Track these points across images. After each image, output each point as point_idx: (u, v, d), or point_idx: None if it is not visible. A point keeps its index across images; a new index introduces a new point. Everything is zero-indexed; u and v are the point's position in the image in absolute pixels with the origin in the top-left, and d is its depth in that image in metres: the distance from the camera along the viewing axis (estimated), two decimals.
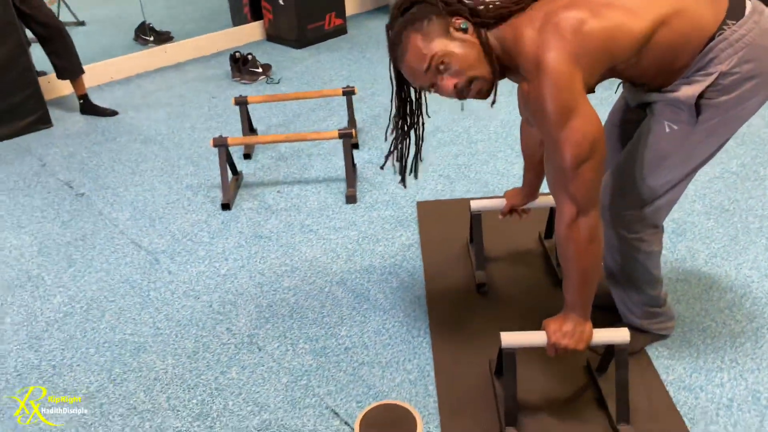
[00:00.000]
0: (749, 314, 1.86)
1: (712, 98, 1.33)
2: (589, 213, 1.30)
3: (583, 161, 1.25)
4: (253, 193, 2.69)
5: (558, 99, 1.22)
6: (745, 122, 1.40)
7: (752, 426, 1.52)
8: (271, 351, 1.84)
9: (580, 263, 1.35)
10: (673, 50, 1.29)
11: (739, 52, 1.28)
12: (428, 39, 1.31)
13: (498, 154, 2.87)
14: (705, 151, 1.42)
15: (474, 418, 1.58)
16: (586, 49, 1.23)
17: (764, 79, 1.32)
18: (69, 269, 2.26)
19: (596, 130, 1.25)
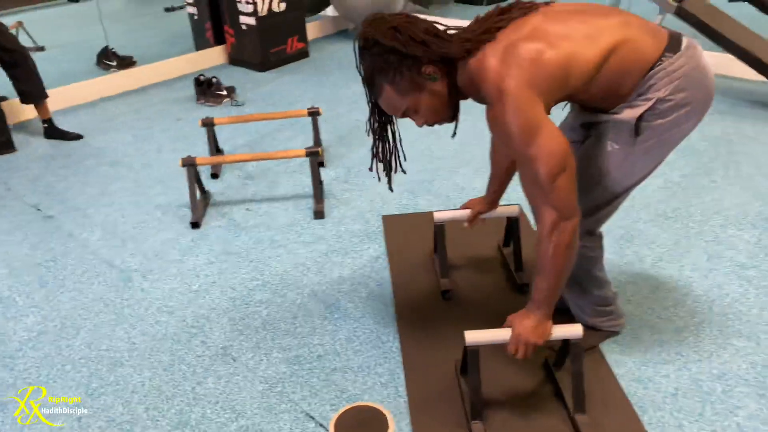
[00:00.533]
0: (691, 311, 2.01)
1: (650, 121, 1.47)
2: (571, 218, 1.41)
3: (558, 174, 1.37)
4: (222, 211, 2.76)
5: (520, 120, 1.34)
6: (676, 145, 1.54)
7: (695, 411, 1.66)
8: (246, 361, 1.91)
9: (556, 265, 1.45)
10: (619, 76, 1.43)
11: (675, 81, 1.43)
12: (401, 92, 1.47)
13: (458, 171, 3.01)
14: (642, 169, 1.56)
15: (442, 415, 1.68)
16: (543, 77, 1.35)
17: (695, 107, 1.47)
18: (41, 290, 2.29)
19: (564, 145, 1.37)
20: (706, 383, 1.74)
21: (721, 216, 2.52)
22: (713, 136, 3.22)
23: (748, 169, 2.87)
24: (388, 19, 1.45)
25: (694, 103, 1.46)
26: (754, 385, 1.73)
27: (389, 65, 1.44)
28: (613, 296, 1.83)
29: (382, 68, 1.45)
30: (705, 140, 3.17)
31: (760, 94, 3.70)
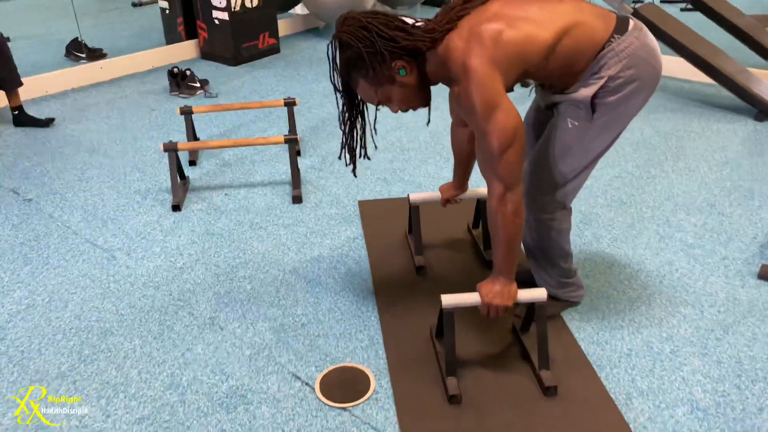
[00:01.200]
0: (643, 284, 2.20)
1: (603, 98, 1.64)
2: (514, 190, 1.57)
3: (508, 147, 1.53)
4: (201, 196, 2.85)
5: (483, 96, 1.50)
6: (631, 118, 1.71)
7: (646, 368, 1.84)
8: (233, 330, 2.02)
9: (506, 232, 1.61)
10: (572, 56, 1.60)
11: (623, 60, 1.60)
12: (375, 85, 1.62)
13: (429, 160, 3.17)
14: (601, 143, 1.73)
15: (419, 373, 1.82)
16: (503, 55, 1.51)
17: (643, 83, 1.65)
18: (25, 267, 2.34)
19: (516, 121, 1.53)
20: (656, 345, 1.92)
21: (671, 202, 2.73)
22: (665, 131, 3.45)
23: (695, 161, 3.10)
24: (359, 18, 1.58)
25: (642, 79, 1.63)
26: (697, 345, 1.92)
27: (362, 62, 1.58)
28: (575, 269, 2.00)
29: (356, 65, 1.60)
30: (657, 135, 3.40)
31: (707, 95, 3.98)
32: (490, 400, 1.73)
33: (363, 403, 1.73)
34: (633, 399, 1.73)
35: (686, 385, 1.77)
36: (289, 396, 1.76)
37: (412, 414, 1.69)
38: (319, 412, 1.71)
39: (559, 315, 2.04)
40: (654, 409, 1.70)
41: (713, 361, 1.86)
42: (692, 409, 1.70)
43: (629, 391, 1.75)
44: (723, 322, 2.01)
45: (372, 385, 1.78)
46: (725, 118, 3.61)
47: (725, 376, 1.80)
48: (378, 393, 1.76)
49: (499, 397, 1.74)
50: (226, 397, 1.76)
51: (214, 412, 1.71)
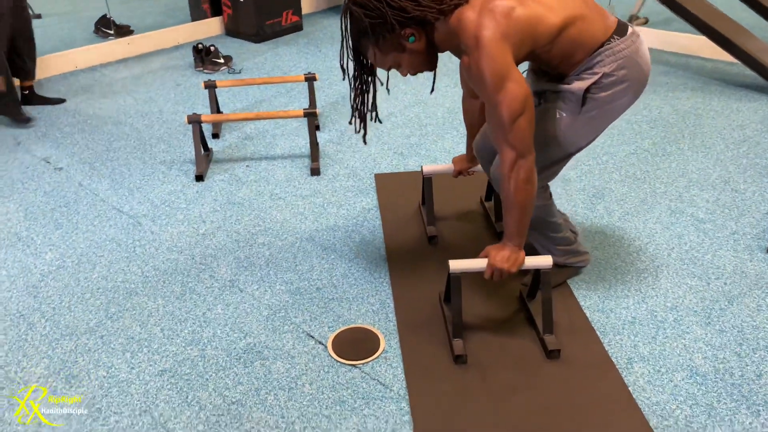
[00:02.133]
0: (652, 256, 2.24)
1: (594, 93, 1.69)
2: (527, 157, 1.62)
3: (519, 115, 1.58)
4: (224, 167, 2.94)
5: (493, 67, 1.55)
6: (614, 118, 1.76)
7: (649, 335, 1.89)
8: (252, 291, 2.11)
9: (518, 199, 1.66)
10: (574, 45, 1.64)
11: (619, 60, 1.65)
12: (384, 52, 1.68)
13: (445, 135, 3.21)
14: (583, 137, 1.78)
15: (427, 335, 1.89)
16: (514, 30, 1.55)
17: (632, 85, 1.69)
18: (56, 231, 2.46)
19: (526, 91, 1.58)
20: (660, 314, 1.97)
21: (685, 178, 2.75)
22: (683, 110, 3.45)
23: (713, 139, 3.10)
24: None
25: (632, 81, 1.68)
26: (701, 315, 1.96)
27: (373, 30, 1.63)
28: (574, 236, 2.04)
29: (367, 32, 1.64)
30: (676, 113, 3.40)
31: (730, 74, 3.94)
32: (494, 362, 1.80)
33: (372, 361, 1.81)
34: (634, 363, 1.79)
35: (687, 351, 1.82)
36: (303, 353, 1.85)
37: (418, 372, 1.77)
38: (330, 368, 1.79)
39: (566, 284, 2.09)
40: (654, 373, 1.75)
41: (716, 330, 1.90)
42: (691, 374, 1.75)
43: (630, 356, 1.81)
44: (728, 294, 2.05)
45: (382, 345, 1.86)
46: (746, 97, 3.59)
47: (726, 344, 1.85)
48: (387, 352, 1.84)
49: (503, 359, 1.81)
50: (244, 352, 1.85)
51: (232, 366, 1.81)
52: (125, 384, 1.76)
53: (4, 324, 1.98)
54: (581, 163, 2.89)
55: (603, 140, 3.10)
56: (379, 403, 1.68)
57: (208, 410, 1.67)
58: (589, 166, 2.87)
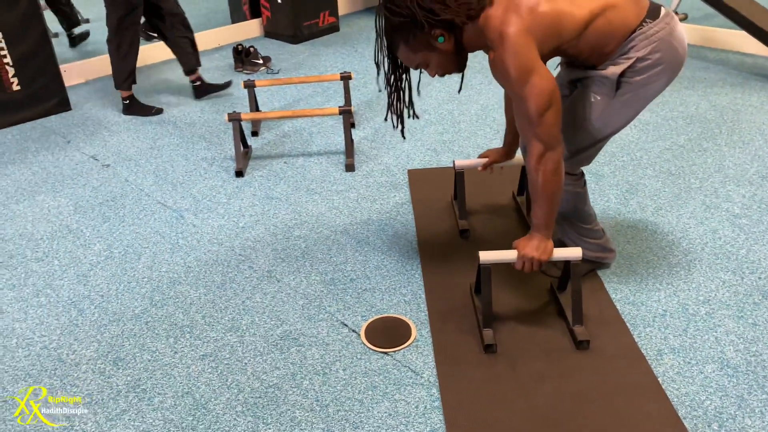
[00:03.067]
0: (685, 250, 2.24)
1: (629, 77, 1.70)
2: (555, 149, 1.65)
3: (546, 109, 1.61)
4: (262, 164, 3.03)
5: (518, 62, 1.58)
6: (650, 100, 1.76)
7: (680, 328, 1.89)
8: (288, 282, 2.19)
9: (546, 190, 1.70)
10: (604, 36, 1.66)
11: (653, 44, 1.66)
12: (414, 50, 1.72)
13: (478, 132, 3.25)
14: (619, 120, 1.79)
15: (458, 324, 1.94)
16: (538, 25, 1.58)
17: (667, 67, 1.70)
18: (104, 224, 2.59)
19: (552, 84, 1.61)
20: (692, 307, 1.97)
21: (721, 174, 2.73)
22: (721, 105, 3.41)
23: (751, 135, 3.06)
24: None
25: (667, 63, 1.69)
26: (734, 308, 1.96)
27: (403, 28, 1.68)
28: (602, 231, 2.06)
29: (398, 30, 1.69)
30: (714, 109, 3.36)
31: None
32: (523, 351, 1.83)
33: (404, 348, 1.87)
34: (664, 355, 1.80)
35: (718, 344, 1.83)
36: (337, 340, 1.91)
37: (448, 360, 1.81)
38: (363, 355, 1.85)
39: (598, 276, 2.11)
40: (684, 365, 1.76)
41: (748, 324, 1.90)
42: (722, 367, 1.75)
43: (661, 348, 1.82)
44: (763, 288, 2.04)
45: (413, 334, 1.92)
46: None
47: (759, 338, 1.84)
48: (418, 341, 1.90)
49: (533, 349, 1.84)
50: (281, 339, 1.93)
51: (269, 351, 1.88)
52: (168, 367, 1.85)
53: (57, 310, 2.10)
54: (615, 158, 2.89)
55: (638, 136, 3.09)
56: (410, 389, 1.73)
57: (246, 393, 1.75)
58: (622, 161, 2.87)
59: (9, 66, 3.47)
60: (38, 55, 3.57)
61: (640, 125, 3.21)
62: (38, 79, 3.60)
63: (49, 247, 2.45)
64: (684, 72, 3.91)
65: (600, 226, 2.06)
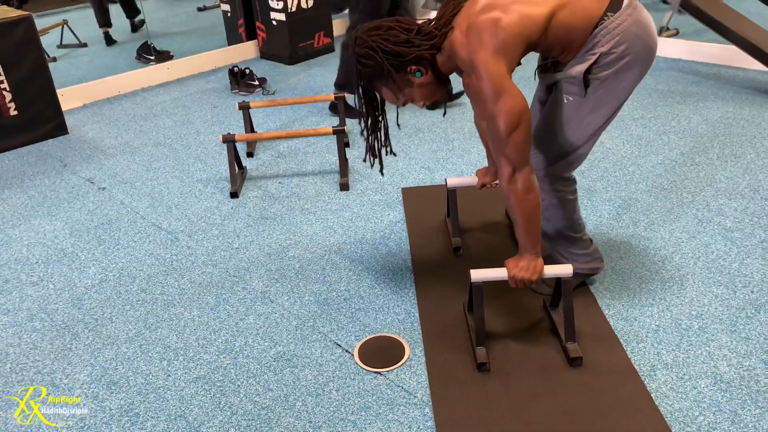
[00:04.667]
0: (677, 265, 2.24)
1: (596, 74, 1.73)
2: (522, 169, 1.67)
3: (515, 128, 1.63)
4: (257, 184, 3.05)
5: (489, 84, 1.61)
6: (626, 94, 1.77)
7: (673, 342, 1.89)
8: (282, 302, 2.19)
9: (521, 209, 1.72)
10: (568, 30, 1.68)
11: (616, 37, 1.68)
12: (396, 90, 1.79)
13: (471, 150, 3.27)
14: (597, 117, 1.80)
15: (451, 343, 1.94)
16: (502, 40, 1.61)
17: (634, 57, 1.71)
18: (99, 247, 2.60)
19: (521, 105, 1.63)
20: (685, 322, 1.98)
21: (713, 188, 2.74)
22: (713, 119, 3.43)
23: (742, 148, 3.08)
24: (364, 38, 1.73)
25: (634, 54, 1.70)
26: (727, 323, 1.96)
27: (380, 74, 1.74)
28: (590, 240, 2.07)
29: (375, 77, 1.76)
30: (705, 123, 3.39)
31: (761, 83, 3.90)
32: (516, 369, 1.83)
33: (397, 368, 1.87)
34: (657, 371, 1.80)
35: (711, 359, 1.82)
36: (330, 361, 1.91)
37: (442, 379, 1.81)
38: (356, 375, 1.85)
39: (590, 291, 2.11)
40: (677, 380, 1.76)
41: (741, 338, 1.90)
42: (715, 382, 1.75)
43: (654, 364, 1.82)
44: (755, 302, 2.04)
45: (406, 353, 1.92)
46: None
47: (752, 352, 1.84)
48: (412, 360, 1.89)
49: (526, 367, 1.84)
50: (274, 360, 1.93)
51: (262, 373, 1.88)
52: (162, 390, 1.85)
53: (51, 334, 2.10)
54: (607, 173, 2.91)
55: (630, 150, 3.11)
56: (404, 410, 1.73)
57: (239, 415, 1.74)
58: (615, 176, 2.88)
59: (6, 91, 3.51)
60: (35, 79, 3.60)
61: (633, 140, 3.23)
62: (35, 103, 3.63)
63: (44, 271, 2.45)
64: (676, 86, 3.94)
65: (588, 235, 2.07)
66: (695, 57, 4.40)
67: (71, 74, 4.93)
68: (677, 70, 4.27)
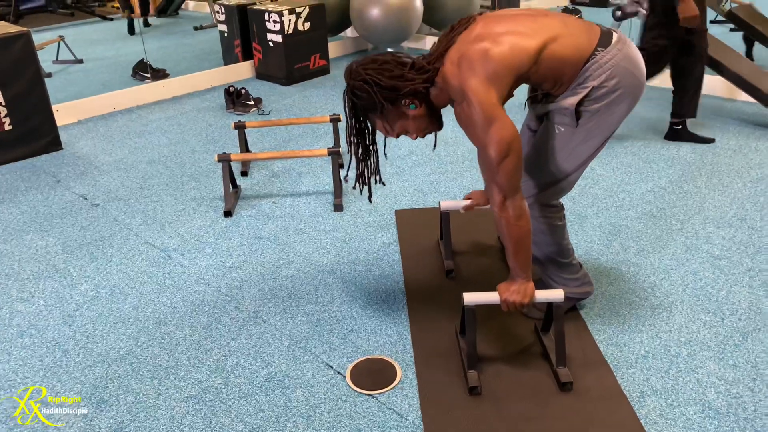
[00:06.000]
0: (666, 292, 2.27)
1: (587, 106, 1.77)
2: (513, 196, 1.71)
3: (505, 156, 1.66)
4: (251, 203, 3.06)
5: (480, 113, 1.65)
6: (615, 126, 1.83)
7: (662, 369, 1.91)
8: (274, 323, 2.19)
9: (512, 236, 1.75)
10: (560, 63, 1.73)
11: (607, 71, 1.73)
12: (391, 122, 1.84)
13: (465, 174, 3.30)
14: (587, 148, 1.85)
15: (443, 366, 1.94)
16: (493, 71, 1.65)
17: (626, 91, 1.77)
18: (91, 264, 2.59)
19: (512, 133, 1.67)
20: (674, 348, 2.00)
21: (701, 216, 2.78)
22: (702, 148, 3.49)
23: (730, 177, 3.13)
24: (359, 71, 1.77)
25: (625, 88, 1.75)
26: (715, 350, 1.98)
27: (374, 107, 1.78)
28: (579, 264, 2.10)
29: (369, 109, 1.81)
30: (694, 152, 3.45)
31: (748, 114, 3.98)
32: (508, 393, 1.84)
33: (389, 391, 1.87)
34: (646, 397, 1.81)
35: (700, 386, 1.84)
36: (322, 382, 1.91)
37: (433, 402, 1.82)
38: (348, 397, 1.85)
39: (581, 316, 2.13)
40: (666, 407, 1.78)
41: (729, 365, 1.92)
42: (704, 409, 1.76)
43: (643, 390, 1.84)
44: (743, 330, 2.07)
45: (398, 376, 1.92)
46: (765, 136, 3.62)
47: (740, 380, 1.86)
48: (403, 383, 1.90)
49: (517, 391, 1.85)
50: (265, 381, 1.93)
51: (253, 393, 1.88)
52: (152, 409, 1.84)
53: (41, 351, 2.09)
54: (598, 200, 2.95)
55: (621, 178, 3.16)
56: None
57: None
58: (605, 203, 2.92)
59: (1, 106, 3.51)
60: (31, 95, 3.62)
61: (623, 167, 3.28)
62: (31, 118, 3.64)
63: (35, 287, 2.44)
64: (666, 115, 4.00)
65: (577, 260, 2.10)
66: None
67: (67, 90, 4.94)
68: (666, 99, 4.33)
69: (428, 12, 5.54)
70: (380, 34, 5.30)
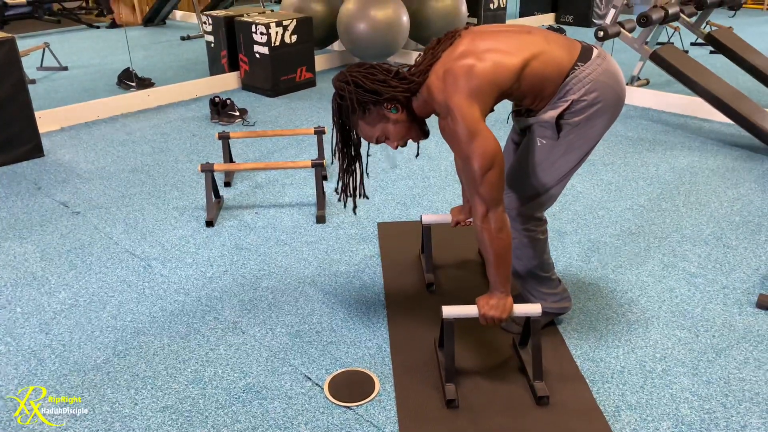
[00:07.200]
0: (643, 308, 2.30)
1: (568, 119, 1.81)
2: (496, 209, 1.73)
3: (488, 169, 1.69)
4: (234, 214, 3.06)
5: (464, 126, 1.68)
6: (595, 139, 1.86)
7: (637, 384, 1.94)
8: (253, 333, 2.19)
9: (493, 248, 1.77)
10: (542, 79, 1.77)
11: (586, 85, 1.77)
12: (371, 124, 1.85)
13: (447, 187, 3.33)
14: (568, 161, 1.89)
15: (421, 379, 1.95)
16: (476, 86, 1.69)
17: (605, 105, 1.81)
18: (71, 271, 2.57)
19: (495, 146, 1.70)
20: (649, 364, 2.02)
21: (678, 234, 2.83)
22: (680, 167, 3.55)
23: (707, 197, 3.19)
24: (345, 74, 1.82)
25: (604, 101, 1.80)
26: (689, 366, 2.01)
27: (358, 106, 1.81)
28: (558, 280, 2.12)
29: (353, 109, 1.82)
30: (672, 171, 3.51)
31: (726, 134, 4.06)
32: (485, 406, 1.85)
33: (367, 403, 1.87)
34: (621, 412, 1.83)
35: (674, 401, 1.87)
36: (300, 394, 1.91)
37: (411, 415, 1.82)
38: (326, 409, 1.85)
39: (558, 331, 2.15)
40: (640, 421, 1.80)
41: (702, 381, 1.95)
42: (677, 424, 1.79)
43: (618, 405, 1.86)
44: (717, 346, 2.10)
45: (377, 388, 1.93)
46: (742, 157, 3.70)
47: (713, 395, 1.89)
48: (381, 395, 1.90)
49: (494, 404, 1.86)
50: (243, 392, 1.92)
51: (231, 404, 1.87)
52: (128, 419, 1.82)
53: (16, 359, 2.07)
54: (578, 216, 2.99)
55: (600, 195, 3.20)
56: None
57: None
58: (585, 220, 2.96)
59: None
60: (14, 101, 3.60)
61: (603, 185, 3.33)
62: (13, 124, 3.62)
63: (12, 294, 2.42)
64: (646, 135, 4.08)
65: (557, 275, 2.12)
66: (664, 107, 4.56)
67: (50, 97, 4.92)
68: (647, 119, 4.43)
69: (415, 28, 5.60)
70: (367, 49, 5.34)
